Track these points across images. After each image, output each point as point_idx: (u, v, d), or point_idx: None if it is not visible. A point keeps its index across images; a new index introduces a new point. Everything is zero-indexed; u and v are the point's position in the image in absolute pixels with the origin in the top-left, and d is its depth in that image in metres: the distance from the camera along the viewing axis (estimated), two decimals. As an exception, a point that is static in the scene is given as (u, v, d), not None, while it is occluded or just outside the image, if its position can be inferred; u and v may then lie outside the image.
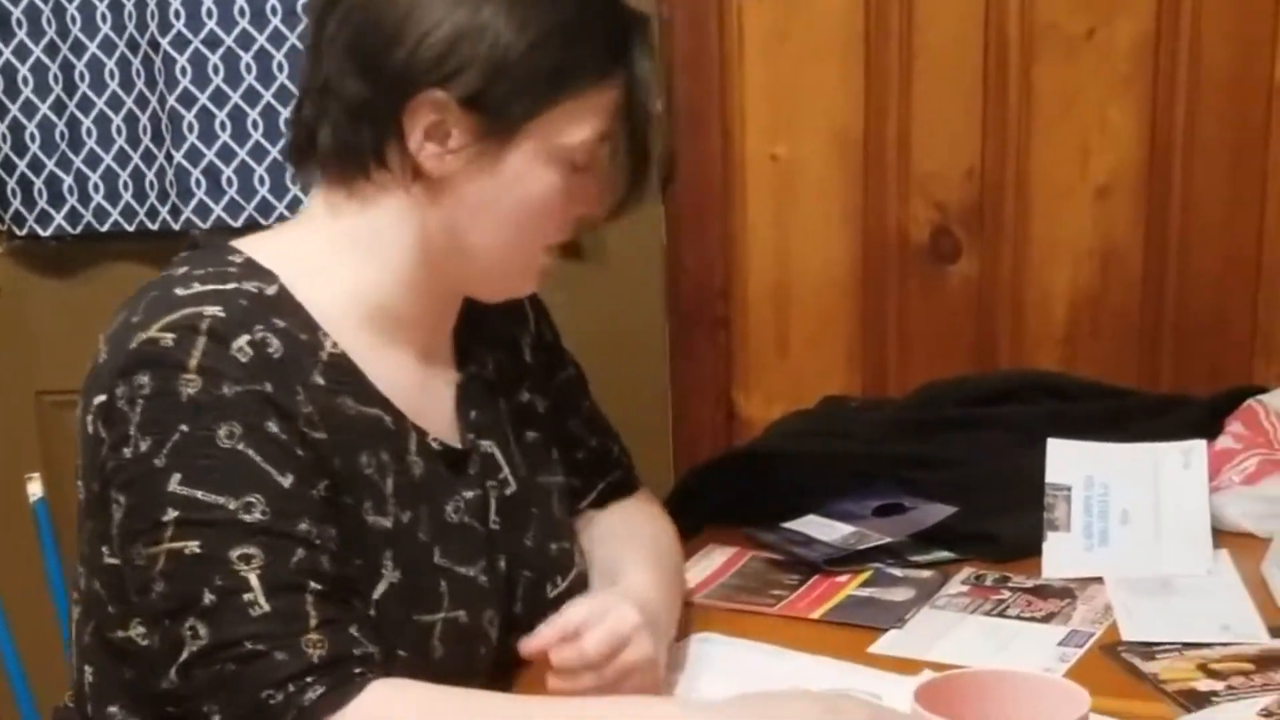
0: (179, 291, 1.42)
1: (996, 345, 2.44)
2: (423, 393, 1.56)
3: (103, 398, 1.40)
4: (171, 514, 1.35)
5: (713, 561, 1.90)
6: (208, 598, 1.34)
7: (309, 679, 1.33)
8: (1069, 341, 2.43)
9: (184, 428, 1.35)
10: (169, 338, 1.37)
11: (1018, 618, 1.71)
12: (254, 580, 1.34)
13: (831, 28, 2.37)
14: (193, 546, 1.35)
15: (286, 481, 1.37)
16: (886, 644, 1.65)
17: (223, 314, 1.39)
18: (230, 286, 1.43)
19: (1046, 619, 1.71)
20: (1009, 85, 2.35)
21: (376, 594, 1.44)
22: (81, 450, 1.46)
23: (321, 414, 1.42)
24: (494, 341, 1.69)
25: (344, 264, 1.51)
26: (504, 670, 1.55)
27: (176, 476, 1.35)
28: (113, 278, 2.47)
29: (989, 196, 2.39)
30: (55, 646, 2.02)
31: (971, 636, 1.66)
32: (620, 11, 1.52)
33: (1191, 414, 2.14)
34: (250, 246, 1.51)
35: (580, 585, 1.66)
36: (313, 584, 1.36)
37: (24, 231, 2.41)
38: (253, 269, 1.47)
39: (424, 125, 1.45)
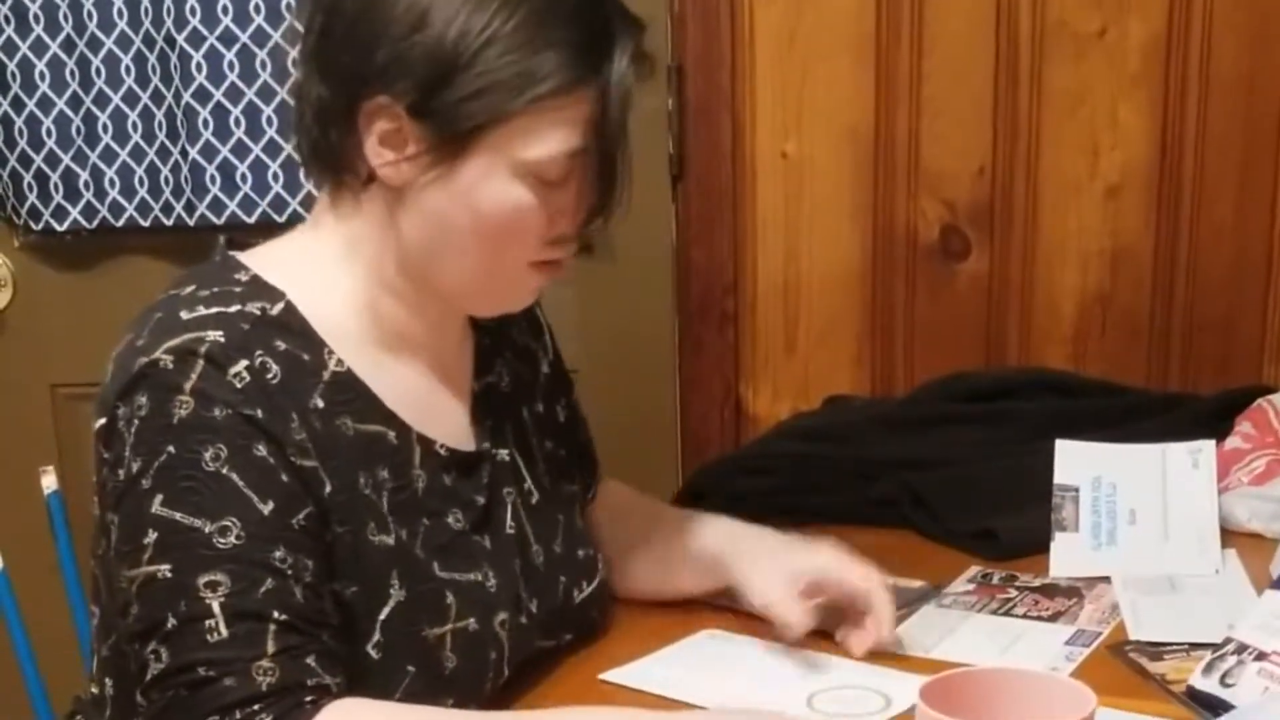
0: (183, 315, 1.40)
1: (1005, 344, 2.44)
2: (432, 403, 1.54)
3: (104, 420, 1.39)
4: (151, 536, 1.34)
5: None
6: (170, 622, 1.32)
7: (256, 706, 1.30)
8: (1078, 340, 2.43)
9: (171, 449, 1.34)
10: (169, 360, 1.36)
11: (1024, 616, 1.71)
12: (215, 608, 1.32)
13: (842, 25, 2.37)
14: (165, 570, 1.33)
15: (266, 508, 1.35)
16: (892, 642, 1.65)
17: (223, 339, 1.37)
18: (234, 309, 1.41)
19: (1053, 618, 1.71)
20: (1020, 83, 2.35)
21: (384, 614, 1.42)
22: (95, 470, 1.45)
23: (316, 440, 1.40)
24: (514, 353, 1.68)
25: (342, 274, 1.49)
26: (525, 670, 1.57)
27: (159, 498, 1.34)
28: (127, 272, 2.48)
29: (999, 195, 2.39)
30: (68, 638, 2.04)
31: (977, 635, 1.67)
32: (600, 17, 1.42)
33: (1194, 412, 2.15)
34: (258, 260, 1.49)
35: (603, 590, 1.68)
36: (277, 614, 1.33)
37: (40, 226, 2.42)
38: (258, 287, 1.45)
39: (379, 132, 1.41)
